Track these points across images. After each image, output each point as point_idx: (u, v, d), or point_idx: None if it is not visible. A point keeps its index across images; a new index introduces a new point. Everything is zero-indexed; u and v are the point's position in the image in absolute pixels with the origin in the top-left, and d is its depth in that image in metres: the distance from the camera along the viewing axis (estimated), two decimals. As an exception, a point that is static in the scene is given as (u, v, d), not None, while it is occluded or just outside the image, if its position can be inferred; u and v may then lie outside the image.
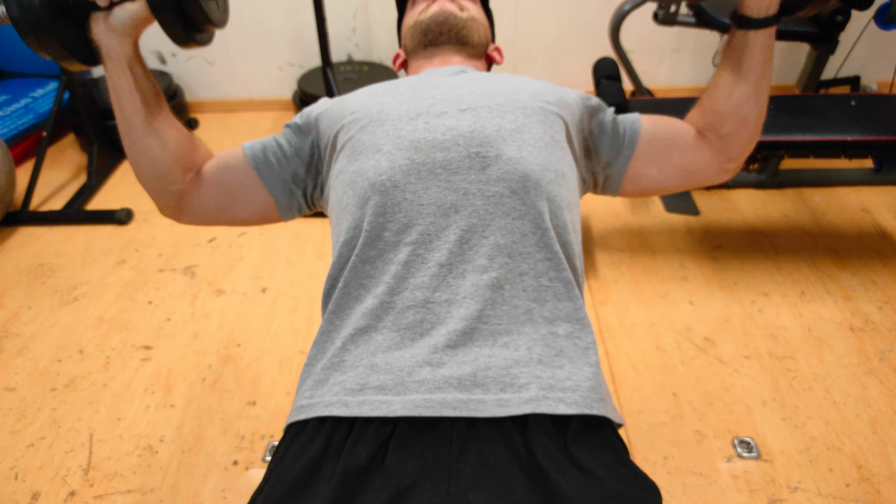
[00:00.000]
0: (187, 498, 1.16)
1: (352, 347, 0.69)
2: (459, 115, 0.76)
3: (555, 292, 0.71)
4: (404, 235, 0.71)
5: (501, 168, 0.73)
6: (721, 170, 0.88)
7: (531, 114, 0.78)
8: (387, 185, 0.73)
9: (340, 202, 0.78)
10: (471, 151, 0.73)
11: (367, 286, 0.71)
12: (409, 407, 0.62)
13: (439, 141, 0.74)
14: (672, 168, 0.89)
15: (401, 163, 0.73)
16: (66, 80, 2.06)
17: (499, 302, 0.68)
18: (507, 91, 0.81)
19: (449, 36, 0.95)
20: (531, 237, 0.72)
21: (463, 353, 0.66)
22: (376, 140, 0.76)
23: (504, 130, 0.75)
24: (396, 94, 0.82)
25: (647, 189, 0.92)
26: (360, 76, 2.45)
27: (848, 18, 1.77)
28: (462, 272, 0.69)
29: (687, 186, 0.93)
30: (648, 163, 0.89)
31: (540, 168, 0.74)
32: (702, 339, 1.46)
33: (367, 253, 0.72)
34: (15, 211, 1.98)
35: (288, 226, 1.92)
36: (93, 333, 1.54)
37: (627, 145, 0.88)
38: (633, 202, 1.98)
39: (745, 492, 1.13)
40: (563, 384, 0.65)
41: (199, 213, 0.89)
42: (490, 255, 0.70)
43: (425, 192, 0.72)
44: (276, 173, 0.87)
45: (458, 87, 0.81)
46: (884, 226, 1.83)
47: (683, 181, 0.91)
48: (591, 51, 2.44)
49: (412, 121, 0.77)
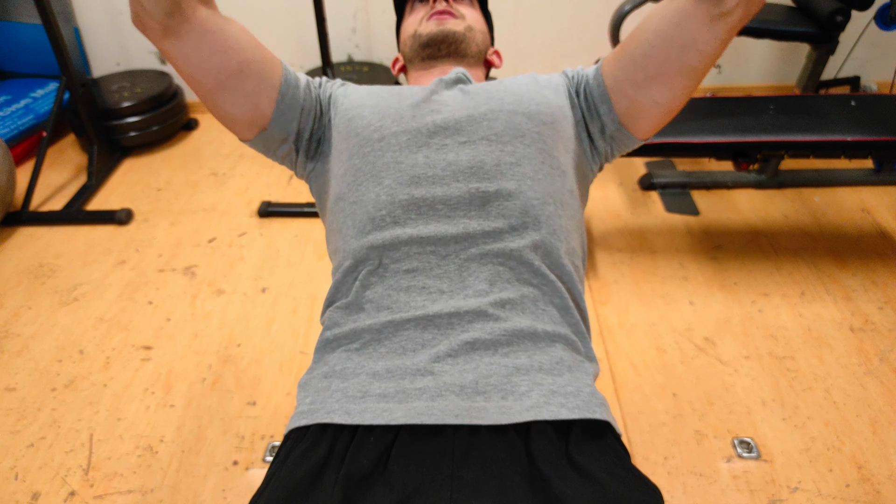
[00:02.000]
0: (187, 498, 1.16)
1: (354, 356, 0.70)
2: (459, 149, 0.76)
3: (550, 316, 0.72)
4: (404, 265, 0.73)
5: (501, 204, 0.74)
6: (715, 18, 0.68)
7: (530, 143, 0.78)
8: (387, 220, 0.74)
9: (340, 230, 0.79)
10: (470, 187, 0.74)
11: (367, 309, 0.73)
12: (411, 414, 0.63)
13: (439, 177, 0.75)
14: (658, 76, 0.74)
15: (401, 197, 0.74)
16: (66, 80, 2.05)
17: (501, 319, 0.69)
18: (505, 114, 0.79)
19: (448, 51, 0.95)
20: (528, 266, 0.73)
21: (464, 362, 0.66)
22: (377, 171, 0.77)
23: (503, 164, 0.76)
24: (398, 115, 0.80)
25: (658, 114, 0.79)
26: (361, 76, 2.45)
27: (848, 19, 1.77)
28: (464, 297, 0.70)
29: (695, 75, 0.73)
30: (632, 95, 0.78)
31: (540, 202, 0.75)
32: (702, 340, 1.46)
33: (368, 279, 0.74)
34: (15, 211, 1.98)
35: (288, 226, 1.92)
36: (93, 333, 1.54)
37: (600, 101, 0.81)
38: (634, 202, 1.98)
39: (745, 492, 1.13)
40: (564, 389, 0.65)
41: (190, 55, 0.72)
42: (490, 280, 0.71)
43: (425, 227, 0.73)
44: (293, 118, 0.80)
45: (458, 111, 0.80)
46: (884, 226, 1.83)
47: (684, 76, 0.74)
48: (591, 51, 2.44)
49: (413, 154, 0.77)
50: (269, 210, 1.97)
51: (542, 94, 0.83)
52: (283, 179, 2.18)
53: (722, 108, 1.67)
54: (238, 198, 2.08)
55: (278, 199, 2.04)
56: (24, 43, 2.42)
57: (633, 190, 2.05)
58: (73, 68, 2.03)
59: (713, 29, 0.68)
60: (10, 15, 2.38)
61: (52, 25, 1.93)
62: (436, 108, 0.81)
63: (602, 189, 2.06)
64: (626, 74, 0.78)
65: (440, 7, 0.97)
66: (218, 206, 2.04)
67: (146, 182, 2.19)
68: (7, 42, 2.44)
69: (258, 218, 1.97)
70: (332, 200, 0.82)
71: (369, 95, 0.85)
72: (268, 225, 1.94)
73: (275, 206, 1.98)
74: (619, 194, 2.03)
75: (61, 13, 2.01)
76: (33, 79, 2.48)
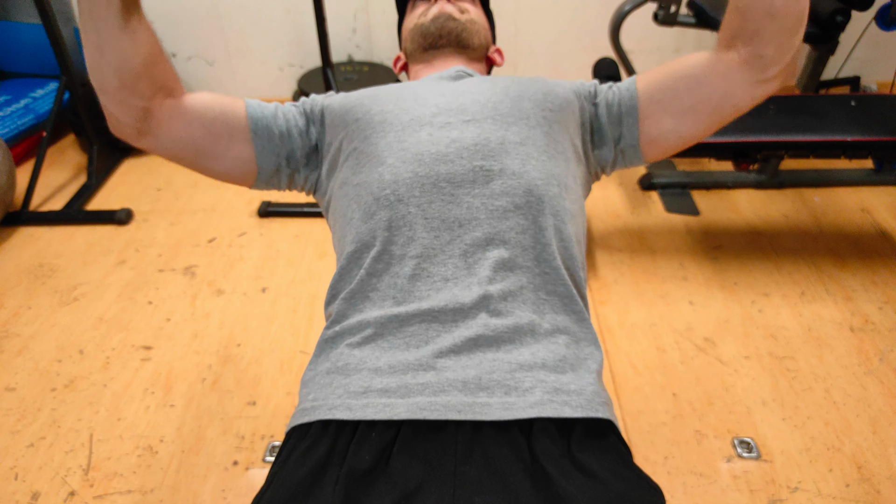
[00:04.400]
0: (187, 498, 1.15)
1: (356, 352, 0.69)
2: (463, 127, 0.76)
3: (552, 305, 0.72)
4: (409, 249, 0.72)
5: (505, 182, 0.73)
6: (756, 83, 0.75)
7: (535, 125, 0.78)
8: (391, 198, 0.73)
9: (345, 215, 0.78)
10: (475, 164, 0.73)
11: (372, 299, 0.72)
12: (413, 410, 0.62)
13: (443, 153, 0.74)
14: (691, 111, 0.79)
15: (405, 176, 0.74)
16: (67, 80, 2.06)
17: (503, 313, 0.69)
18: (510, 99, 0.80)
19: (449, 39, 0.95)
20: (531, 251, 0.72)
21: (467, 357, 0.66)
22: (379, 152, 0.76)
23: (508, 143, 0.75)
24: (399, 101, 0.81)
25: (675, 145, 0.83)
26: (361, 76, 2.46)
27: (848, 19, 1.77)
28: (467, 285, 0.70)
29: (721, 120, 0.80)
30: (660, 119, 0.81)
31: (544, 182, 0.75)
32: (702, 340, 1.46)
33: (373, 267, 0.73)
34: (15, 211, 1.98)
35: (288, 226, 1.92)
36: (93, 333, 1.54)
37: (627, 113, 0.83)
38: (634, 202, 1.98)
39: (745, 492, 1.13)
40: (567, 387, 0.65)
41: (165, 143, 0.78)
42: (494, 268, 0.70)
43: (429, 206, 0.72)
44: (274, 147, 0.82)
45: (461, 95, 0.80)
46: (884, 226, 1.83)
47: (713, 118, 0.80)
48: (591, 51, 2.44)
49: (416, 132, 0.76)
50: (269, 210, 1.97)
51: (549, 87, 0.84)
52: (283, 179, 2.18)
53: (722, 108, 1.67)
54: (238, 198, 2.08)
55: (278, 199, 2.04)
56: (24, 43, 2.42)
57: (633, 190, 2.05)
58: (73, 68, 2.04)
59: (753, 91, 0.76)
60: (10, 15, 2.38)
61: (52, 25, 1.93)
62: (439, 92, 0.82)
63: (602, 189, 2.06)
64: (663, 96, 0.81)
65: (442, 4, 0.97)
66: (218, 206, 2.04)
67: (146, 182, 2.19)
68: (7, 42, 2.43)
69: (258, 218, 1.97)
70: (337, 188, 0.82)
71: (366, 90, 0.86)
72: (268, 225, 1.94)
73: (275, 205, 1.98)
74: (619, 194, 2.03)
75: (61, 13, 2.01)
76: (33, 79, 2.48)
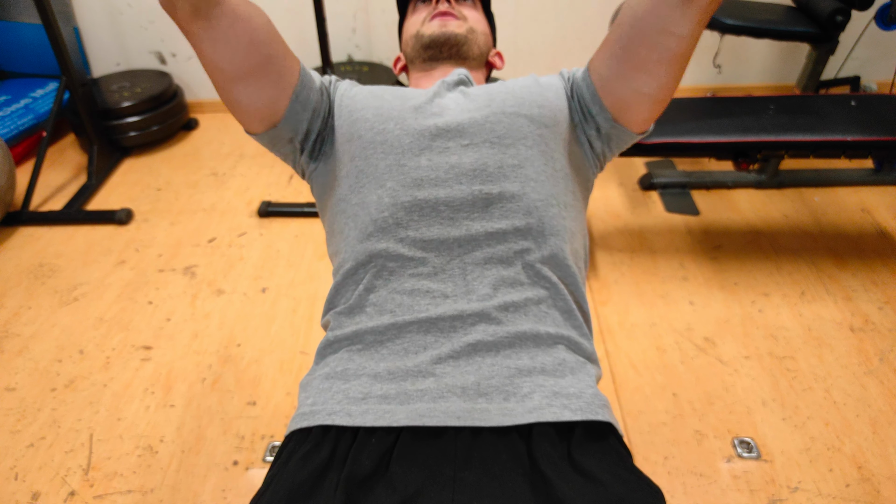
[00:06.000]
0: (187, 498, 1.16)
1: (356, 358, 0.70)
2: (462, 152, 0.76)
3: (553, 319, 0.72)
4: (408, 269, 0.72)
5: (504, 206, 0.74)
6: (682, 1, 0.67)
7: (532, 145, 0.78)
8: (389, 221, 0.74)
9: (342, 231, 0.79)
10: (473, 189, 0.74)
11: (370, 314, 0.72)
12: (412, 416, 0.63)
13: (442, 179, 0.75)
14: (642, 68, 0.73)
15: (403, 200, 0.74)
16: (66, 80, 2.06)
17: (504, 322, 0.69)
18: (507, 117, 0.79)
19: (450, 53, 0.95)
20: (531, 269, 0.73)
21: (466, 363, 0.66)
22: (379, 173, 0.77)
23: (506, 167, 0.76)
24: (400, 118, 0.80)
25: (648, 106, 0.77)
26: (361, 76, 2.45)
27: (848, 19, 1.77)
28: (467, 301, 0.70)
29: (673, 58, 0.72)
30: (619, 91, 0.77)
31: (543, 203, 0.75)
32: (702, 340, 1.46)
33: (371, 283, 0.73)
34: (15, 211, 1.98)
35: (288, 226, 1.92)
36: (93, 333, 1.54)
37: (592, 103, 0.80)
38: (634, 202, 1.98)
39: (745, 492, 1.13)
40: (566, 391, 0.65)
41: (215, 37, 0.69)
42: (494, 285, 0.71)
43: (428, 230, 0.73)
44: (302, 118, 0.80)
45: (460, 114, 0.80)
46: (884, 226, 1.83)
47: (664, 62, 0.72)
48: (591, 51, 2.44)
49: (416, 157, 0.77)
50: (269, 210, 1.97)
51: (544, 97, 0.83)
52: (283, 179, 2.18)
53: (722, 108, 1.67)
54: (238, 198, 2.08)
55: (278, 199, 2.04)
56: (24, 43, 2.42)
57: (633, 190, 2.05)
58: (73, 68, 2.03)
59: (685, 11, 0.68)
60: (10, 15, 2.38)
61: (52, 25, 1.93)
62: (438, 112, 0.81)
63: (602, 189, 2.06)
64: (610, 69, 0.77)
65: (443, 8, 0.96)
66: (218, 206, 2.04)
67: (146, 182, 2.19)
68: (7, 42, 2.44)
69: (258, 218, 1.97)
70: (333, 202, 0.82)
71: (372, 97, 0.84)
72: (268, 225, 1.94)
73: (275, 206, 1.98)
74: (619, 194, 2.03)
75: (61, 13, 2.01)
76: (33, 79, 2.48)
